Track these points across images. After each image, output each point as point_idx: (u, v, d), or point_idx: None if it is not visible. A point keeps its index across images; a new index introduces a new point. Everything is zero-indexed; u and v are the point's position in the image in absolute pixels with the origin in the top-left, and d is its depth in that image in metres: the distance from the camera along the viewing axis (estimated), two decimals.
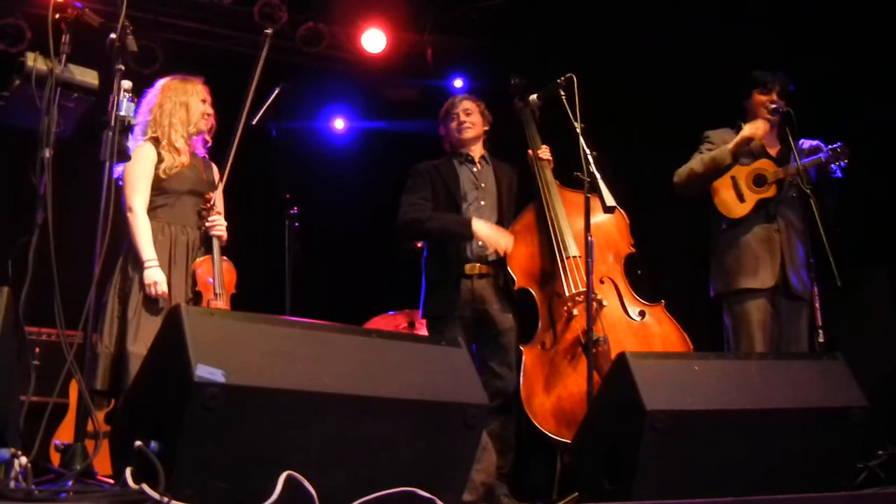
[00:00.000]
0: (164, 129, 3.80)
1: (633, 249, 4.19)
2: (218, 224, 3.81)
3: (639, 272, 4.20)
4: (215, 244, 3.79)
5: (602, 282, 4.03)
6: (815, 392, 2.92)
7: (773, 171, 4.20)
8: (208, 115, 3.93)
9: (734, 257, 4.19)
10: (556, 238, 4.06)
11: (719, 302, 4.29)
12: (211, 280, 3.72)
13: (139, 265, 3.60)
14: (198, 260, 3.76)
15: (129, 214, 3.64)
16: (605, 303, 3.98)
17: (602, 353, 3.74)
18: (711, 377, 2.84)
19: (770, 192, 4.18)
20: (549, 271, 4.08)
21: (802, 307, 4.13)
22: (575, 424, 3.44)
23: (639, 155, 5.61)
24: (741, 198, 4.22)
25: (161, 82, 3.95)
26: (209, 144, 4.01)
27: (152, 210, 3.71)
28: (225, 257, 3.84)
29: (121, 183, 3.68)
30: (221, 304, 3.70)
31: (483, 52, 6.61)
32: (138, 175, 3.69)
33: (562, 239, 4.05)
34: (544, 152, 4.32)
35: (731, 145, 4.21)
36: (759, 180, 4.21)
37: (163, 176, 3.73)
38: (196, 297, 3.70)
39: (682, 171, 4.32)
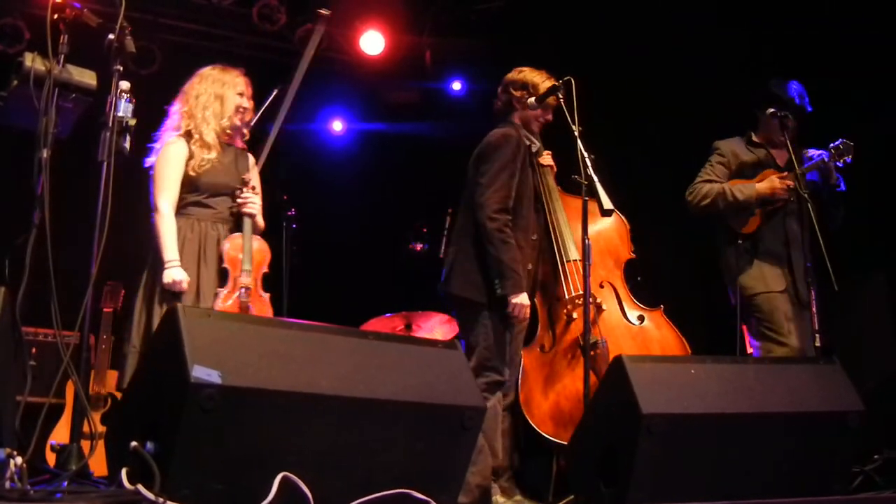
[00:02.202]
0: (197, 122, 3.71)
1: (634, 255, 4.20)
2: (251, 202, 3.71)
3: (638, 279, 4.20)
4: (246, 222, 3.68)
5: (602, 286, 4.05)
6: (811, 396, 2.92)
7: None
8: (244, 108, 3.82)
9: (750, 270, 4.17)
10: (556, 242, 4.08)
11: (741, 309, 4.21)
12: (240, 256, 3.61)
13: (161, 265, 3.52)
14: (227, 237, 3.66)
15: (154, 214, 3.56)
16: (604, 307, 3.99)
17: (600, 356, 3.76)
18: (708, 381, 2.84)
19: (777, 203, 4.19)
20: (549, 275, 4.09)
21: (804, 311, 4.12)
22: (573, 426, 3.45)
23: (637, 158, 5.61)
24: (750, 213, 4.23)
25: (201, 71, 3.86)
26: (247, 137, 3.92)
27: (183, 207, 3.63)
28: (259, 237, 3.75)
29: (151, 175, 3.61)
30: (249, 280, 3.59)
31: (482, 55, 6.60)
32: (167, 174, 3.60)
33: (563, 243, 4.07)
34: (546, 159, 4.29)
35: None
36: None
37: (192, 173, 3.64)
38: (222, 274, 3.60)
39: (699, 197, 4.23)
